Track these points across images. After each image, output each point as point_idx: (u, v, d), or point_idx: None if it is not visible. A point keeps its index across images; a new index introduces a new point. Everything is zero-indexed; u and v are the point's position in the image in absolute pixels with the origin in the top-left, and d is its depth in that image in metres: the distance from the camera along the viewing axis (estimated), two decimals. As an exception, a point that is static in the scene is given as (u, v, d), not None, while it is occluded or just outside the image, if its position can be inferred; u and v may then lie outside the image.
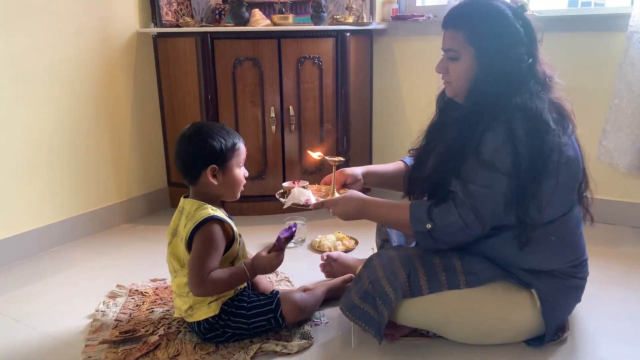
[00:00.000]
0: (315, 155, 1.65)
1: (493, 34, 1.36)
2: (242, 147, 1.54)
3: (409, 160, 1.69)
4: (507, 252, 1.39)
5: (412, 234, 1.41)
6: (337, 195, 1.54)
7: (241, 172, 1.55)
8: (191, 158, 1.48)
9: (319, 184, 1.65)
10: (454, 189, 1.35)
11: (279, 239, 1.47)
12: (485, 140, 1.31)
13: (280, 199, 1.56)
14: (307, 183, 1.59)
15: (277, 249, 1.48)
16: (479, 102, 1.36)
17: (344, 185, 1.61)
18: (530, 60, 1.37)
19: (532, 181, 1.30)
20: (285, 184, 1.59)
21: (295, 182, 1.58)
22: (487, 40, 1.36)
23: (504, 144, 1.28)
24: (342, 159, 1.57)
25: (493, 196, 1.30)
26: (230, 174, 1.51)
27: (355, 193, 1.51)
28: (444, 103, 1.56)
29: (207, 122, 1.57)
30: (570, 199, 1.41)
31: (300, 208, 1.52)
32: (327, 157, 1.58)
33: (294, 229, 1.48)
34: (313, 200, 1.51)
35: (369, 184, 1.67)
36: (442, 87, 1.53)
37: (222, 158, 1.48)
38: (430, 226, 1.35)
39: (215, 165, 1.48)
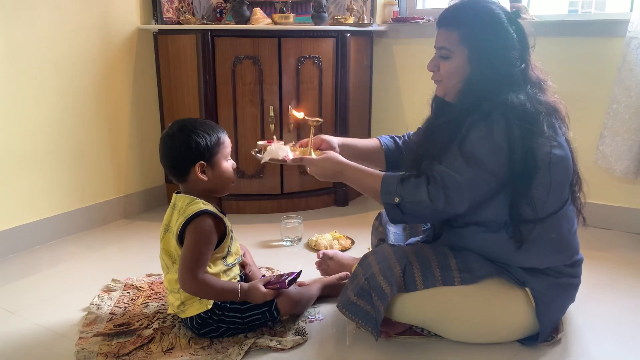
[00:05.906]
0: (299, 115, 1.66)
1: (487, 37, 1.37)
2: (226, 140, 1.55)
3: (386, 140, 1.71)
4: (504, 250, 1.40)
5: (382, 203, 1.42)
6: (313, 155, 1.54)
7: (229, 165, 1.55)
8: (178, 156, 1.48)
9: (294, 143, 1.64)
10: (431, 168, 1.37)
11: (282, 282, 1.50)
12: (471, 132, 1.32)
13: (257, 155, 1.56)
14: (283, 142, 1.58)
15: (276, 289, 1.50)
16: (471, 103, 1.37)
17: (318, 149, 1.61)
18: (523, 65, 1.38)
19: (523, 180, 1.32)
20: (260, 142, 1.59)
21: (271, 141, 1.57)
22: (481, 42, 1.37)
23: (490, 139, 1.30)
24: (320, 119, 1.57)
25: (463, 182, 1.31)
26: (219, 168, 1.52)
27: (334, 154, 1.52)
28: (437, 105, 1.56)
29: (188, 118, 1.57)
30: (562, 196, 1.42)
31: (278, 164, 1.53)
32: (307, 117, 1.59)
33: (297, 274, 1.55)
34: (291, 156, 1.51)
35: (342, 154, 1.65)
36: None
37: (209, 153, 1.49)
38: (398, 200, 1.37)
39: (203, 162, 1.48)
